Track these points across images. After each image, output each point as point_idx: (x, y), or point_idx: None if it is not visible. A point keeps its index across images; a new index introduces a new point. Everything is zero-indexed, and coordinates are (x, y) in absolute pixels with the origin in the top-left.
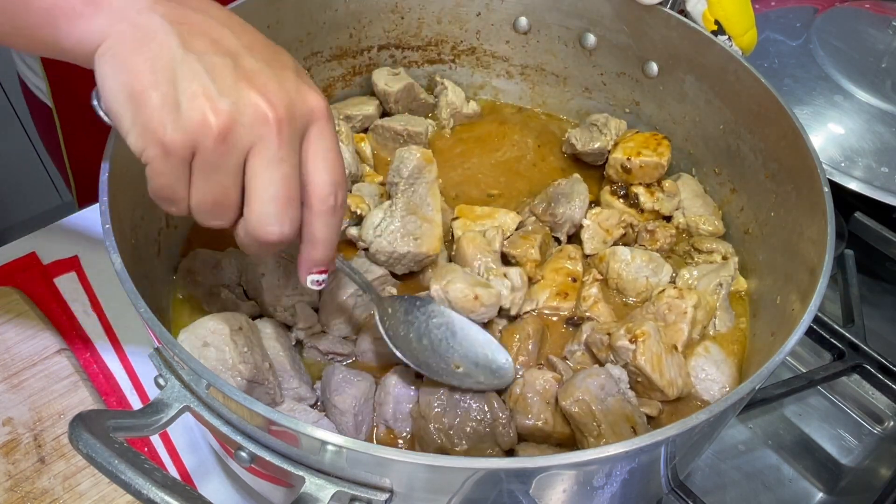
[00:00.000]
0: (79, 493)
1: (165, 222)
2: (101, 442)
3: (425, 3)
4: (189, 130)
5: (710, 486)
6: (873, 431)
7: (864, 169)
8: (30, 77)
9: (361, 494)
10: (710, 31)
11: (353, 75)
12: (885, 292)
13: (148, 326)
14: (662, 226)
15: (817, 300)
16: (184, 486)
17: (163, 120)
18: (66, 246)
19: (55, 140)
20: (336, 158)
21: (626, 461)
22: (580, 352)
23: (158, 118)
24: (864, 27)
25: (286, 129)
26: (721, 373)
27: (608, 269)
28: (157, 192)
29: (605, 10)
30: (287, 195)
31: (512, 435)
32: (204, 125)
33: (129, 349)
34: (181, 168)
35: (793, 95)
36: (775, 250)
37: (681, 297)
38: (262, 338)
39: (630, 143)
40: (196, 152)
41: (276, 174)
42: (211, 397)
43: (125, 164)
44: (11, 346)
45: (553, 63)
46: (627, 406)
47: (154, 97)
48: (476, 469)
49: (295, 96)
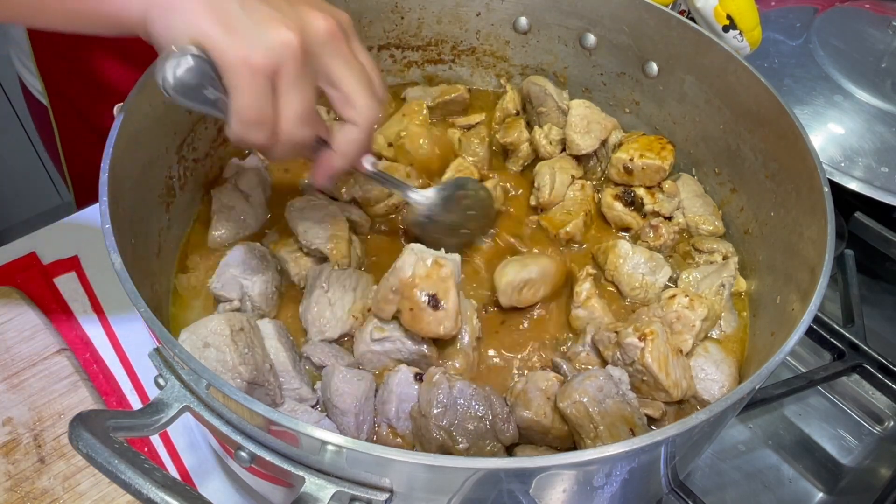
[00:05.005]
0: (79, 493)
1: (166, 222)
2: (101, 442)
3: (425, 3)
4: (274, 49)
5: (710, 486)
6: (873, 431)
7: (864, 169)
8: (27, 77)
9: (361, 494)
10: (722, 27)
11: None
12: (885, 292)
13: (148, 326)
14: (666, 222)
15: (817, 300)
16: (184, 486)
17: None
18: (65, 246)
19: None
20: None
21: (626, 461)
22: (585, 352)
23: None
24: (864, 27)
25: (343, 35)
26: (721, 372)
27: (606, 260)
28: (247, 116)
29: (605, 10)
30: (370, 80)
31: (512, 430)
32: (285, 43)
33: (128, 349)
34: (267, 88)
35: (793, 95)
36: (775, 250)
37: (692, 307)
38: (263, 338)
39: (634, 145)
40: (280, 70)
41: (356, 70)
42: (211, 397)
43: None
44: (11, 346)
45: (553, 63)
46: (626, 408)
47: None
48: (476, 469)
49: (334, 13)
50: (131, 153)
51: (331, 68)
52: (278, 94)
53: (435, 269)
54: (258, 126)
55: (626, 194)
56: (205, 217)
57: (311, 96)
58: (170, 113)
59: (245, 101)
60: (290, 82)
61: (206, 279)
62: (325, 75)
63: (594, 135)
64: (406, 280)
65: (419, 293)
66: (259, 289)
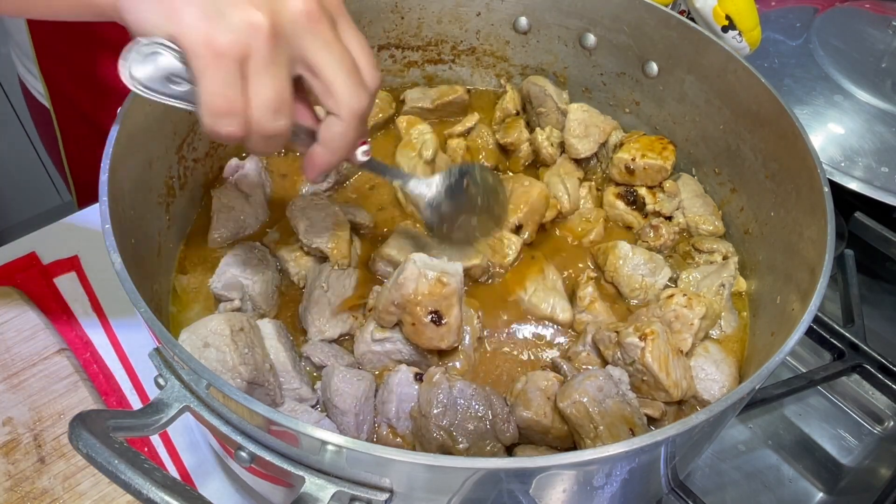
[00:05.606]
0: (79, 493)
1: (166, 222)
2: (101, 442)
3: (425, 3)
4: (240, 32)
5: (710, 486)
6: (873, 431)
7: (864, 169)
8: (29, 80)
9: (361, 494)
10: (721, 27)
11: None
12: (885, 292)
13: (148, 326)
14: (666, 222)
15: (817, 300)
16: (184, 486)
17: (211, 28)
18: (65, 246)
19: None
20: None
21: (626, 461)
22: (585, 352)
23: (206, 27)
24: (864, 27)
25: (326, 17)
26: (721, 372)
27: (606, 261)
28: (215, 105)
29: (605, 10)
30: (355, 67)
31: (512, 430)
32: (252, 25)
33: (128, 349)
34: (235, 73)
35: (793, 95)
36: (775, 250)
37: (689, 306)
38: (263, 338)
39: (635, 145)
40: (249, 54)
41: (338, 55)
42: (211, 397)
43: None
44: (11, 346)
45: (553, 63)
46: (626, 408)
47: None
48: (476, 469)
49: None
50: (131, 153)
51: (308, 52)
52: (248, 81)
53: (438, 286)
54: (228, 116)
55: (629, 193)
56: (205, 217)
57: (284, 83)
58: (170, 113)
59: (211, 88)
60: (259, 67)
61: (206, 279)
62: (302, 60)
63: (593, 139)
64: (408, 296)
65: (421, 310)
66: (259, 288)
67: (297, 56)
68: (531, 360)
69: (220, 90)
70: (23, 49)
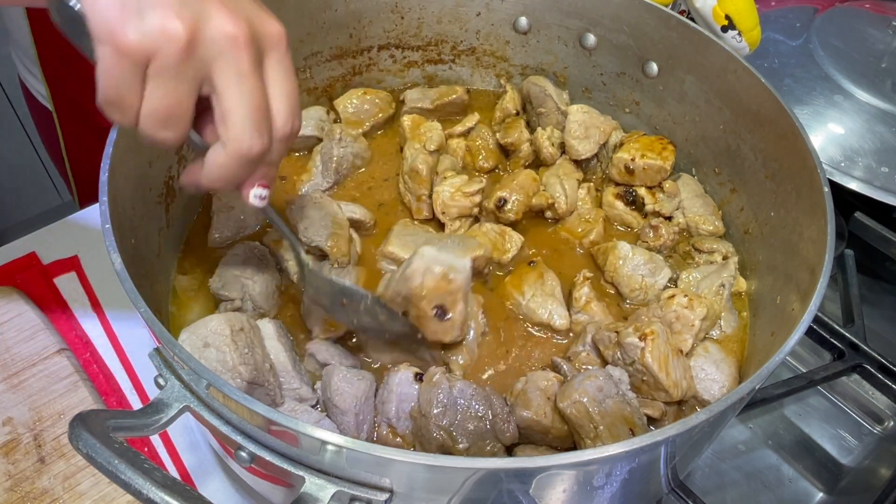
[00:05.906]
0: (79, 493)
1: (166, 222)
2: (101, 442)
3: (425, 3)
4: (150, 35)
5: (710, 486)
6: (873, 431)
7: (864, 169)
8: (30, 81)
9: (361, 494)
10: (720, 27)
11: (353, 75)
12: (885, 292)
13: (148, 326)
14: (665, 222)
15: (817, 300)
16: (184, 486)
17: (123, 22)
18: (66, 246)
19: (55, 142)
20: (293, 86)
21: (626, 461)
22: (585, 352)
23: (118, 19)
24: (864, 27)
25: (251, 47)
26: (721, 372)
27: (606, 261)
28: (106, 96)
29: (605, 10)
30: (262, 107)
31: (512, 430)
32: (167, 33)
33: (128, 349)
34: (133, 72)
35: (793, 95)
36: (775, 250)
37: (691, 307)
38: (263, 338)
39: (635, 145)
40: (154, 59)
41: (247, 89)
42: (211, 397)
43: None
44: (11, 346)
45: (553, 63)
46: (626, 408)
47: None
48: (476, 469)
49: (255, 19)
50: (131, 153)
51: (216, 76)
52: (146, 84)
53: (444, 282)
54: (115, 108)
55: (628, 193)
56: (205, 217)
57: (182, 97)
58: None
59: (103, 79)
60: (159, 75)
61: (206, 279)
62: (209, 81)
63: (593, 140)
64: (415, 290)
65: (426, 304)
66: (260, 288)
67: (207, 76)
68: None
69: (113, 83)
70: (24, 50)
